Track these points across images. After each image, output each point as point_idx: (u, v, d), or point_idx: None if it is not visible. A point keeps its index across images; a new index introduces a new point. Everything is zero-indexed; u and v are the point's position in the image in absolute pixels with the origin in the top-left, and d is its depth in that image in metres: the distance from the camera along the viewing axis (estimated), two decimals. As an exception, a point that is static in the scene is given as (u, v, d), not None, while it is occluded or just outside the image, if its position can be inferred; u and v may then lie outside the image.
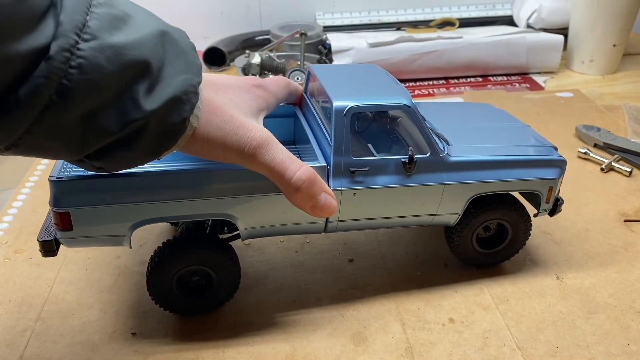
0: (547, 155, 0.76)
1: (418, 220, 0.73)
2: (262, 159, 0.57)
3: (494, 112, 0.90)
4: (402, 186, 0.69)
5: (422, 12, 1.69)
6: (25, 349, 0.68)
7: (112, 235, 0.64)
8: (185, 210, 0.64)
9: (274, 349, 0.68)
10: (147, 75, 0.47)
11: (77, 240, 0.63)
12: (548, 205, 0.77)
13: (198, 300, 0.71)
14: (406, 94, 0.69)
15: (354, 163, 0.67)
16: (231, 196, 0.65)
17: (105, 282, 0.78)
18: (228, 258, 0.70)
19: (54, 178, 0.61)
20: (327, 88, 0.70)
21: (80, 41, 0.42)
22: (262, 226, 0.68)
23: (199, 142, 0.54)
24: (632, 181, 1.02)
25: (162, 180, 0.63)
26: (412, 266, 0.81)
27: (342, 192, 0.67)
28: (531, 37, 1.47)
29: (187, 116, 0.50)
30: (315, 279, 0.79)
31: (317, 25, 1.58)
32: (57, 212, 0.61)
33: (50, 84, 0.41)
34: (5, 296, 0.75)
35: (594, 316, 0.73)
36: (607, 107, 1.30)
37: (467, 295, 0.76)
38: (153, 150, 0.51)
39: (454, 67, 1.46)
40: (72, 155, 0.48)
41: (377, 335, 0.70)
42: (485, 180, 0.72)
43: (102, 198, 0.61)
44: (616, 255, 0.83)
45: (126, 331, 0.70)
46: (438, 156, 0.69)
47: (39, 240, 0.64)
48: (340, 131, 0.66)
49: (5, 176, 1.04)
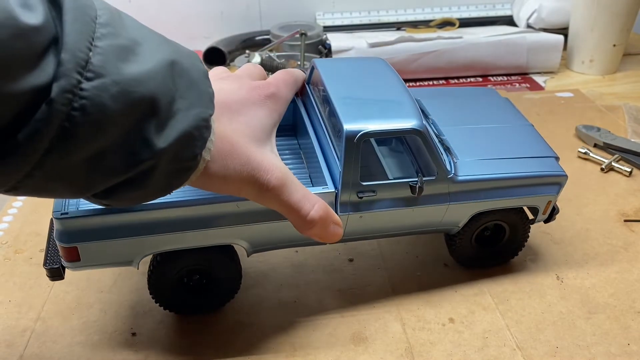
0: (549, 171, 0.75)
1: (421, 232, 0.74)
2: (278, 199, 0.56)
3: (498, 103, 0.88)
4: (408, 208, 0.69)
5: (422, 12, 1.69)
6: (25, 349, 0.68)
7: (120, 263, 0.65)
8: (193, 241, 0.64)
9: (274, 349, 0.68)
10: (156, 112, 0.44)
11: (84, 268, 0.64)
12: (544, 216, 0.78)
13: (199, 299, 0.71)
14: (417, 113, 0.67)
15: (362, 187, 0.66)
16: (239, 225, 0.64)
17: (105, 282, 0.78)
18: (229, 258, 0.69)
19: (59, 215, 0.59)
20: (336, 104, 0.67)
21: (83, 80, 0.39)
22: (266, 245, 0.69)
23: (212, 179, 0.52)
24: (632, 181, 1.02)
25: (170, 213, 0.62)
26: (412, 266, 0.81)
27: (348, 216, 0.67)
28: (531, 37, 1.47)
29: (198, 152, 0.48)
30: (315, 279, 0.79)
31: (317, 25, 1.58)
32: (64, 247, 0.61)
33: (52, 127, 0.38)
34: (5, 296, 0.75)
35: (594, 316, 0.73)
36: (607, 107, 1.30)
37: (467, 295, 0.76)
38: (163, 188, 0.49)
39: (454, 67, 1.46)
40: (77, 195, 0.47)
41: (377, 335, 0.70)
42: (489, 199, 0.72)
43: (108, 233, 0.61)
44: (616, 255, 0.83)
45: (126, 331, 0.70)
46: (445, 178, 0.69)
47: (46, 268, 0.64)
48: (350, 156, 0.64)
49: (5, 176, 1.04)
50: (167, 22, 1.58)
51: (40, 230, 0.87)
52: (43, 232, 0.87)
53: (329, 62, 0.78)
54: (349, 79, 0.74)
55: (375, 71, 0.76)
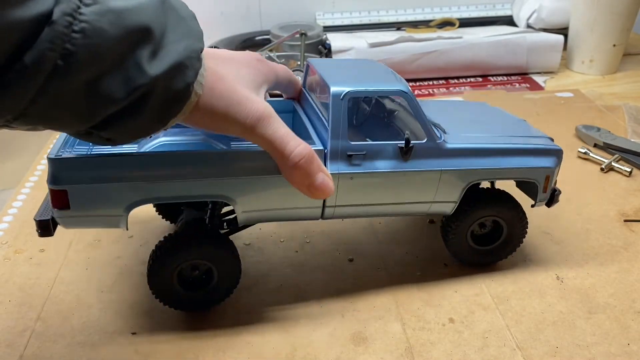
0: (543, 145, 0.76)
1: (415, 208, 0.73)
2: (263, 131, 0.58)
3: (490, 109, 0.91)
4: (399, 171, 0.69)
5: (422, 12, 1.69)
6: (25, 349, 0.68)
7: (109, 216, 0.64)
8: (182, 190, 0.64)
9: (274, 349, 0.68)
10: (150, 40, 0.47)
11: (73, 220, 0.64)
12: (545, 195, 0.77)
13: (198, 295, 0.71)
14: (404, 82, 0.70)
15: (351, 147, 0.68)
16: (228, 177, 0.65)
17: (105, 282, 0.78)
18: (229, 252, 0.70)
19: (53, 156, 0.61)
20: (325, 76, 0.71)
21: (82, 5, 0.42)
22: (259, 210, 0.68)
23: (201, 112, 0.54)
24: (632, 181, 1.02)
25: (160, 160, 0.63)
26: (412, 266, 0.81)
27: (339, 176, 0.67)
28: (531, 37, 1.47)
29: (190, 82, 0.51)
30: (315, 279, 0.79)
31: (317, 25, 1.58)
32: (54, 190, 0.62)
33: (55, 48, 0.41)
34: (5, 296, 0.75)
35: (594, 316, 0.73)
36: (607, 107, 1.30)
37: (467, 295, 0.76)
38: (159, 118, 0.51)
39: (454, 67, 1.46)
40: (78, 124, 0.48)
41: (377, 335, 0.70)
42: (482, 167, 0.72)
43: (99, 176, 0.62)
44: (616, 255, 0.83)
45: (126, 331, 0.70)
46: (435, 142, 0.70)
47: (36, 220, 0.64)
48: (337, 115, 0.67)
49: (5, 176, 1.04)
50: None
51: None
52: (43, 232, 0.87)
53: (323, 60, 0.81)
54: (340, 66, 0.77)
55: (367, 64, 0.79)
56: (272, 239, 0.87)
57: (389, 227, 0.90)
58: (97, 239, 0.86)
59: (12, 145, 1.14)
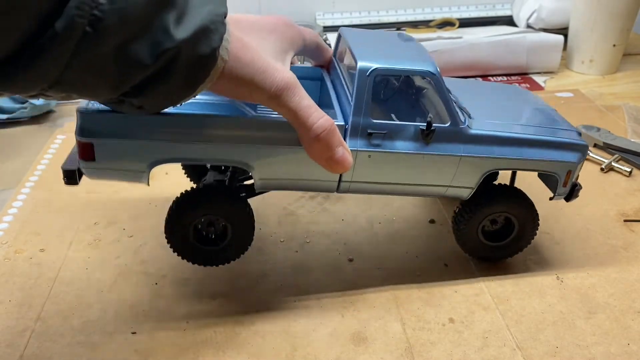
0: (568, 138, 0.74)
1: (431, 190, 0.73)
2: (287, 101, 0.58)
3: (520, 93, 0.89)
4: (418, 153, 0.69)
5: (422, 12, 1.69)
6: (25, 349, 0.68)
7: (132, 171, 0.66)
8: (202, 153, 0.66)
9: (274, 349, 0.68)
10: (175, 4, 0.48)
11: (98, 172, 0.66)
12: (565, 189, 0.76)
13: (211, 250, 0.72)
14: (433, 62, 0.69)
15: (373, 125, 0.67)
16: (248, 144, 0.66)
17: (105, 282, 0.78)
18: (244, 212, 0.71)
19: (82, 109, 0.63)
20: (354, 49, 0.70)
21: None
22: (276, 178, 0.69)
23: (227, 79, 0.55)
24: (632, 181, 1.02)
25: (183, 121, 0.64)
26: (412, 266, 0.81)
27: (357, 153, 0.67)
28: (531, 37, 1.47)
29: (216, 46, 0.51)
30: (315, 279, 0.79)
31: (317, 25, 1.58)
32: (81, 142, 0.64)
33: (84, 15, 0.42)
34: (5, 296, 0.75)
35: (594, 316, 0.73)
36: (607, 107, 1.30)
37: (467, 295, 0.76)
38: (187, 84, 0.52)
39: (454, 67, 1.46)
40: (110, 91, 0.50)
41: (377, 335, 0.70)
42: (503, 156, 0.71)
43: (124, 133, 0.63)
44: (616, 255, 0.83)
45: (126, 331, 0.70)
46: (458, 127, 0.69)
47: (63, 169, 0.67)
48: (361, 92, 0.66)
49: (5, 176, 1.04)
50: None
51: (40, 230, 0.88)
52: (43, 232, 0.87)
53: (356, 31, 0.80)
54: (372, 39, 0.76)
55: (400, 38, 0.78)
56: (272, 239, 0.87)
57: (389, 227, 0.90)
58: (97, 239, 0.86)
59: (12, 145, 1.14)
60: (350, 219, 0.91)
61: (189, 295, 0.75)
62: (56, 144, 1.13)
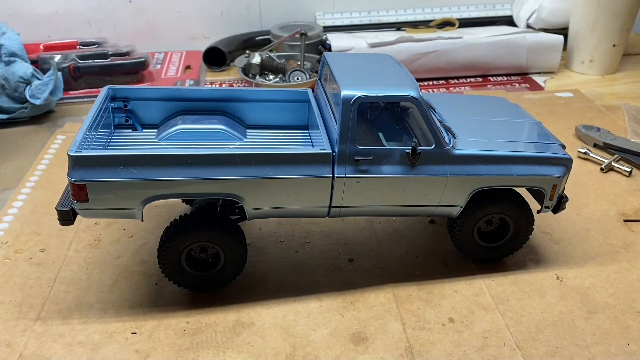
0: (552, 153, 0.76)
1: (420, 210, 0.74)
2: None
3: (507, 107, 0.89)
4: (405, 176, 0.70)
5: (422, 12, 1.69)
6: (25, 349, 0.68)
7: (125, 209, 0.68)
8: (194, 188, 0.67)
9: (274, 349, 0.68)
10: None
11: (92, 212, 0.68)
12: (551, 203, 0.77)
13: (204, 276, 0.74)
14: (414, 86, 0.71)
15: (359, 151, 0.68)
16: (238, 178, 0.67)
17: (105, 282, 0.78)
18: (236, 238, 0.72)
19: (73, 152, 0.65)
20: (337, 76, 0.71)
21: None
22: (267, 208, 0.70)
23: None
24: (632, 181, 1.02)
25: (173, 160, 0.65)
26: (412, 266, 0.81)
27: (345, 179, 0.69)
28: (531, 37, 1.47)
29: None
30: (315, 279, 0.79)
31: (317, 25, 1.58)
32: (74, 184, 0.65)
33: None
34: (5, 296, 0.75)
35: (593, 316, 0.73)
36: (607, 107, 1.30)
37: (467, 295, 0.76)
38: None
39: (454, 67, 1.46)
40: None
41: (377, 335, 0.70)
42: (488, 174, 0.72)
43: (116, 173, 0.65)
44: (616, 255, 0.83)
45: (126, 331, 0.70)
46: (442, 149, 0.70)
47: (58, 210, 0.68)
48: (346, 120, 0.68)
49: (5, 176, 1.04)
50: (167, 22, 1.58)
51: (40, 230, 0.88)
52: (43, 232, 0.87)
53: (339, 55, 0.81)
54: (354, 65, 0.77)
55: (381, 61, 0.79)
56: (272, 239, 0.87)
57: (389, 227, 0.90)
58: (97, 239, 0.86)
59: (12, 145, 1.14)
60: (350, 219, 0.91)
61: (189, 295, 0.75)
62: (56, 144, 1.13)
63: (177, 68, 1.49)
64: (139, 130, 0.81)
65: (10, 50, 1.24)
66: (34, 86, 1.20)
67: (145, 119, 0.82)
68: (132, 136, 0.80)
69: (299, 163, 0.68)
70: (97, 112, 0.74)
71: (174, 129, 0.77)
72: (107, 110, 0.79)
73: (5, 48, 1.23)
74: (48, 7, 1.52)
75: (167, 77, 1.44)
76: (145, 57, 1.39)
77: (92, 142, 0.71)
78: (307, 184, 0.69)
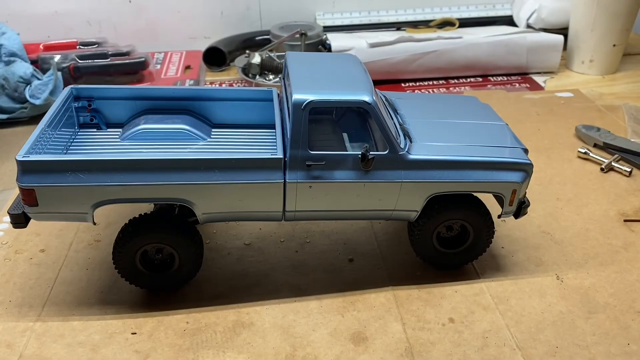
0: (511, 158, 0.74)
1: (377, 215, 0.74)
2: None
3: (475, 107, 0.88)
4: (359, 181, 0.69)
5: (422, 12, 1.68)
6: (25, 349, 0.68)
7: (75, 213, 0.68)
8: (143, 193, 0.67)
9: (274, 349, 0.68)
10: None
11: (43, 215, 0.68)
12: (512, 208, 0.76)
13: (160, 277, 0.74)
14: (370, 90, 0.70)
15: (311, 157, 0.68)
16: (187, 182, 0.66)
17: (105, 282, 0.78)
18: (190, 239, 0.72)
19: (21, 157, 0.65)
20: (292, 78, 0.71)
21: None
22: (218, 212, 0.70)
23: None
24: (632, 181, 1.02)
25: (122, 165, 0.65)
26: (412, 266, 0.81)
27: (297, 184, 0.68)
28: (531, 37, 1.47)
29: None
30: (315, 279, 0.79)
31: (317, 25, 1.58)
32: (23, 189, 0.65)
33: None
34: (5, 296, 0.75)
35: (594, 316, 0.73)
36: (607, 107, 1.30)
37: (467, 295, 0.76)
38: None
39: (454, 67, 1.46)
40: None
41: (377, 335, 0.70)
42: (443, 180, 0.71)
43: (64, 178, 0.65)
44: (616, 255, 0.83)
45: (126, 331, 0.70)
46: (397, 154, 0.69)
47: (9, 213, 0.69)
48: (298, 124, 0.67)
49: (5, 176, 1.04)
50: (167, 22, 1.58)
51: (40, 231, 0.88)
52: (43, 232, 0.87)
53: (301, 55, 0.80)
54: (314, 64, 0.77)
55: (343, 62, 0.78)
56: (272, 239, 0.87)
57: (389, 227, 0.90)
58: (97, 239, 0.86)
59: (12, 145, 1.14)
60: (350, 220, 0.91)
61: (189, 295, 0.75)
62: (56, 144, 1.13)
63: (177, 68, 1.49)
64: (103, 130, 0.81)
65: (10, 50, 1.24)
66: (34, 86, 1.20)
67: (111, 118, 0.82)
68: (95, 136, 0.80)
69: (250, 168, 0.67)
70: (56, 112, 0.74)
71: (136, 128, 0.77)
72: (69, 110, 0.79)
73: (5, 48, 1.23)
74: (48, 7, 1.52)
75: (167, 77, 1.44)
76: (145, 57, 1.39)
77: (50, 143, 0.70)
78: (259, 189, 0.68)
